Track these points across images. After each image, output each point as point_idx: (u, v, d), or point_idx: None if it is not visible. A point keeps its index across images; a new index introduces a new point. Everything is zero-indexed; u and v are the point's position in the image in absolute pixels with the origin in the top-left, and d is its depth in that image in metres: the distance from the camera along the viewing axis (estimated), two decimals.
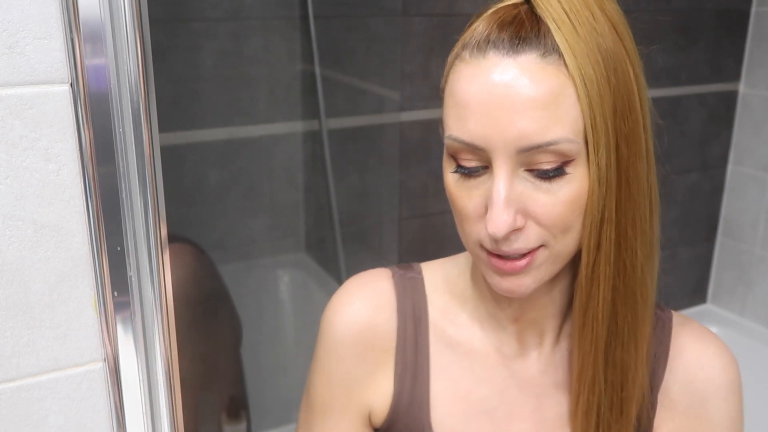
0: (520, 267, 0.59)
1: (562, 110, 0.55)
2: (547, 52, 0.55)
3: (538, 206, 0.57)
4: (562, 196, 0.57)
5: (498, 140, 0.55)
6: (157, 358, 0.55)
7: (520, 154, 0.55)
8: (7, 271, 0.50)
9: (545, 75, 0.54)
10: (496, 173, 0.56)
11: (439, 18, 1.55)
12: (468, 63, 0.57)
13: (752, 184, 1.98)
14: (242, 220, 1.90)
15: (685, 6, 1.84)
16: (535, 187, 0.57)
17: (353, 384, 0.72)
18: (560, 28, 0.55)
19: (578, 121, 0.55)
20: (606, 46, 0.56)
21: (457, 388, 0.70)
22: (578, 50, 0.55)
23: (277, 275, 2.02)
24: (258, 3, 1.78)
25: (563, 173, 0.56)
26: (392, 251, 1.72)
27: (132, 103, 0.49)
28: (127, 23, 0.48)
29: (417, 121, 1.61)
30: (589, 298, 0.62)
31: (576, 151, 0.56)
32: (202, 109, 1.77)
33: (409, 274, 0.75)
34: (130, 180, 0.51)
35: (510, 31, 0.56)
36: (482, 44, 0.57)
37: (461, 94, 0.57)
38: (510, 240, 0.58)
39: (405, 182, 1.64)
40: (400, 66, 1.56)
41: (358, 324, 0.71)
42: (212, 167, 1.82)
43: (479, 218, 0.59)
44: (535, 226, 0.58)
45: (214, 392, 1.04)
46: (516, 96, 0.54)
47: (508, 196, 0.56)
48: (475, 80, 0.56)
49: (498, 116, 0.55)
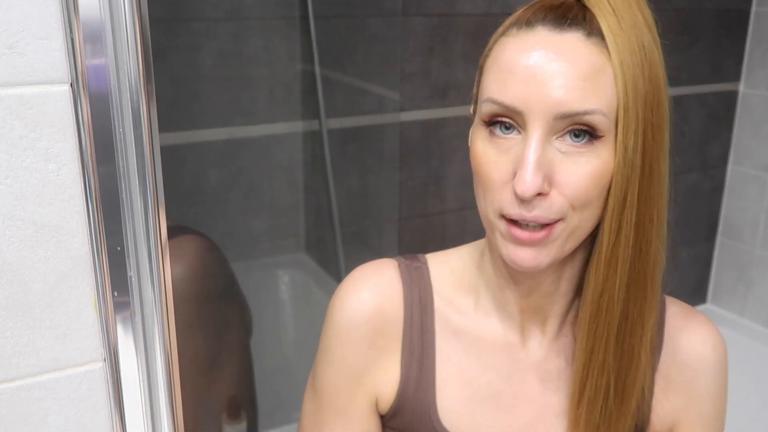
0: (539, 238, 0.61)
1: (600, 86, 0.59)
2: (591, 33, 0.59)
3: (564, 175, 0.60)
4: (589, 169, 0.60)
5: (538, 103, 0.58)
6: (157, 358, 0.55)
7: (556, 120, 0.59)
8: (7, 271, 0.50)
9: (588, 52, 0.59)
10: (530, 135, 0.59)
11: (439, 18, 1.55)
12: (516, 36, 0.61)
13: (752, 184, 1.98)
14: (242, 220, 1.90)
15: (685, 6, 1.84)
16: (564, 156, 0.60)
17: (361, 371, 0.73)
18: (606, 17, 0.60)
19: (612, 100, 0.59)
20: (644, 42, 0.60)
21: (462, 374, 0.72)
22: (620, 38, 0.59)
23: (277, 275, 2.02)
24: (258, 3, 1.78)
25: (592, 145, 0.59)
26: (392, 251, 1.72)
27: (132, 103, 0.49)
28: (127, 23, 0.48)
29: (417, 121, 1.61)
30: (606, 279, 0.64)
31: (607, 128, 0.59)
32: (202, 109, 1.77)
33: (414, 264, 0.76)
34: (130, 180, 0.51)
35: (558, 12, 0.61)
36: (531, 20, 0.61)
37: (507, 60, 0.61)
38: (533, 205, 0.60)
39: (405, 182, 1.64)
40: (400, 66, 1.56)
41: (365, 311, 0.72)
42: (212, 167, 1.82)
43: (505, 184, 0.61)
44: (558, 195, 0.60)
45: (224, 383, 1.05)
46: (560, 66, 0.58)
47: (539, 158, 0.58)
48: (523, 50, 0.60)
49: (541, 82, 0.58)
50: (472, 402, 0.72)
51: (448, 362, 0.73)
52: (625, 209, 0.62)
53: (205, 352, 0.94)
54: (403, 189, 1.65)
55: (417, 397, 0.72)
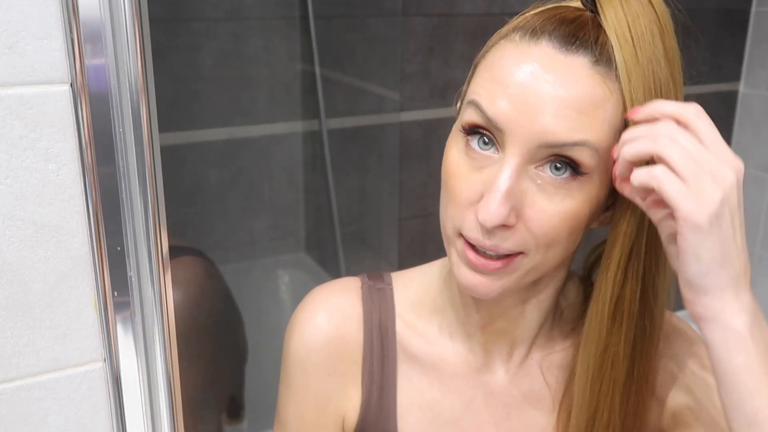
0: (493, 268, 0.57)
1: (596, 120, 0.53)
2: (599, 60, 0.54)
3: (534, 210, 0.55)
4: (562, 208, 0.55)
5: (522, 127, 0.53)
6: (157, 358, 0.55)
7: (539, 149, 0.53)
8: (7, 271, 0.50)
9: (592, 82, 0.53)
10: (506, 161, 0.54)
11: (439, 18, 1.55)
12: (517, 45, 0.55)
13: (752, 184, 1.98)
14: (242, 220, 1.90)
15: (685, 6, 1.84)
16: (538, 189, 0.55)
17: (325, 400, 0.71)
18: (622, 47, 0.54)
19: (606, 137, 0.54)
20: (661, 80, 0.55)
21: (423, 399, 0.70)
22: (634, 73, 0.54)
23: (277, 275, 2.02)
24: (258, 3, 1.78)
25: (573, 181, 0.54)
26: (392, 251, 1.72)
27: (132, 103, 0.49)
28: (127, 23, 0.48)
29: (417, 121, 1.61)
30: (610, 335, 0.60)
31: (593, 166, 0.54)
32: (202, 109, 1.77)
33: (378, 285, 0.73)
34: (130, 180, 0.51)
35: (569, 28, 0.55)
36: (537, 31, 0.55)
37: (501, 71, 0.55)
38: (494, 234, 0.55)
39: (405, 182, 1.64)
40: (400, 66, 1.56)
41: (322, 337, 0.69)
42: (212, 167, 1.82)
43: (470, 205, 0.56)
44: (523, 229, 0.55)
45: (216, 408, 1.04)
46: (556, 91, 0.53)
47: (510, 188, 0.54)
48: (520, 63, 0.54)
49: (531, 104, 0.53)
50: (433, 427, 0.69)
51: (408, 387, 0.70)
52: (631, 260, 0.57)
53: (202, 379, 0.93)
54: (403, 189, 1.65)
55: (378, 424, 0.70)
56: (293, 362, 0.71)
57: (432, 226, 1.69)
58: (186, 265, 0.92)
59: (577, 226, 0.56)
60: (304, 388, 0.71)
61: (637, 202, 0.54)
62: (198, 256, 0.96)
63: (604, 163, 0.55)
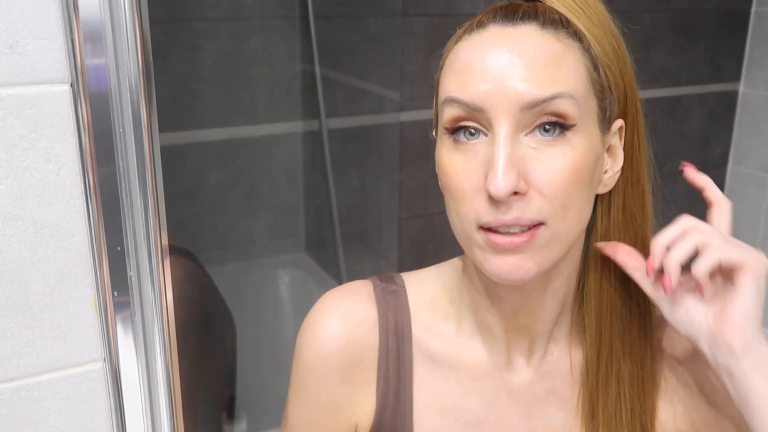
0: (520, 242, 0.57)
1: (563, 71, 0.56)
2: (545, 24, 0.58)
3: (540, 172, 0.56)
4: (564, 162, 0.57)
5: (500, 98, 0.56)
6: (157, 358, 0.55)
7: (522, 112, 0.56)
8: (7, 271, 0.50)
9: (545, 41, 0.57)
10: (498, 133, 0.56)
11: (439, 18, 1.55)
12: (469, 38, 0.59)
13: (752, 184, 1.98)
14: (242, 220, 1.90)
15: (685, 6, 1.84)
16: (536, 152, 0.57)
17: (336, 407, 0.69)
18: (566, 7, 0.59)
19: (579, 85, 0.57)
20: (611, 27, 0.60)
21: (441, 403, 0.69)
22: (583, 18, 0.59)
23: (277, 275, 2.02)
24: (258, 3, 1.78)
25: (564, 137, 0.57)
26: (392, 251, 1.72)
27: (132, 103, 0.49)
28: (127, 23, 0.48)
29: (417, 121, 1.61)
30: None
31: (577, 114, 0.57)
32: (202, 109, 1.77)
33: (390, 287, 0.72)
34: (130, 180, 0.51)
35: (509, 9, 0.59)
36: (482, 21, 0.59)
37: (463, 60, 0.58)
38: (510, 205, 0.56)
39: (405, 182, 1.64)
40: (400, 66, 1.56)
41: (336, 343, 0.68)
42: (212, 167, 1.82)
43: (477, 191, 0.57)
44: (536, 195, 0.56)
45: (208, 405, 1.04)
46: (517, 57, 0.56)
47: (510, 155, 0.55)
48: (477, 47, 0.58)
49: (500, 75, 0.56)
50: (453, 430, 0.68)
51: (426, 391, 0.69)
52: (612, 195, 0.64)
53: (192, 375, 0.93)
54: (403, 189, 1.65)
55: (394, 428, 0.69)
56: (305, 369, 0.69)
57: (432, 226, 1.69)
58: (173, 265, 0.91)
59: (584, 180, 0.58)
60: (315, 394, 0.69)
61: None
62: (182, 257, 0.94)
63: (585, 112, 0.58)
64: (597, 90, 0.59)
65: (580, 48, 0.58)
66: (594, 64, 0.58)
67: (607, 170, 0.63)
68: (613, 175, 0.63)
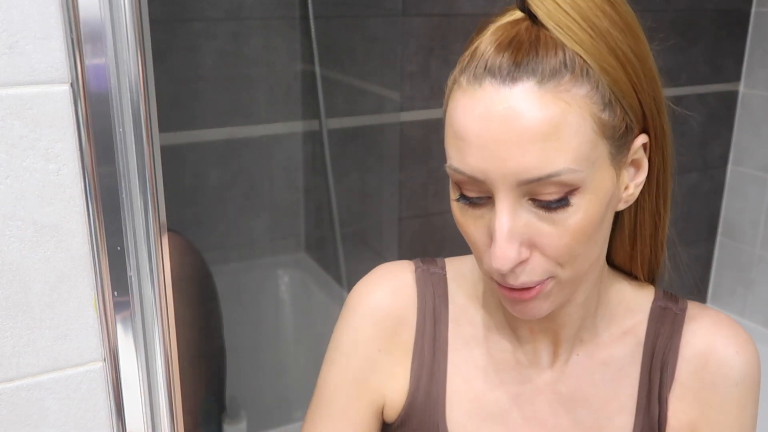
0: (529, 296, 0.59)
1: (562, 140, 0.53)
2: (543, 78, 0.53)
3: (543, 237, 0.56)
4: (569, 226, 0.56)
5: (497, 174, 0.54)
6: (157, 358, 0.55)
7: (521, 186, 0.54)
8: (7, 271, 0.50)
9: (543, 104, 0.53)
10: (498, 206, 0.55)
11: (439, 18, 1.55)
12: (465, 92, 0.56)
13: (752, 184, 1.98)
14: (242, 220, 1.90)
15: (685, 6, 1.84)
16: (539, 217, 0.56)
17: (370, 372, 0.71)
18: (571, 37, 0.54)
19: (580, 150, 0.54)
20: (622, 49, 0.56)
21: (471, 388, 0.70)
22: (595, 46, 0.54)
23: (277, 275, 2.02)
24: (258, 3, 1.78)
25: (567, 204, 0.55)
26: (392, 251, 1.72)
27: (132, 103, 0.49)
28: (127, 23, 0.48)
29: (417, 121, 1.61)
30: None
31: (580, 179, 0.54)
32: (202, 109, 1.77)
33: (432, 269, 0.74)
34: (130, 180, 0.51)
35: (506, 56, 0.54)
36: (479, 72, 0.55)
37: (459, 125, 0.56)
38: (516, 273, 0.57)
39: (405, 182, 1.64)
40: (400, 66, 1.56)
41: (380, 312, 0.71)
42: (212, 167, 1.82)
43: (486, 248, 0.59)
44: (540, 257, 0.57)
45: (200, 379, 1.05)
46: (514, 129, 0.53)
47: (511, 228, 0.55)
48: (472, 112, 0.55)
49: (496, 150, 0.53)
50: (478, 419, 0.69)
51: (457, 376, 0.70)
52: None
53: (184, 349, 0.94)
54: (403, 189, 1.65)
55: (426, 409, 0.70)
56: (346, 329, 0.72)
57: (432, 226, 1.69)
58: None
59: (593, 230, 0.57)
60: (352, 356, 0.71)
61: None
62: (177, 234, 0.97)
63: (591, 167, 0.55)
64: (608, 132, 0.56)
65: (587, 93, 0.54)
66: (605, 104, 0.55)
67: (628, 186, 0.61)
68: (634, 189, 0.62)
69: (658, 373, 0.68)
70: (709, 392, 0.67)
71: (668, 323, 0.70)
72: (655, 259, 0.71)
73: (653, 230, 0.67)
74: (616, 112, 0.56)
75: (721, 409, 0.67)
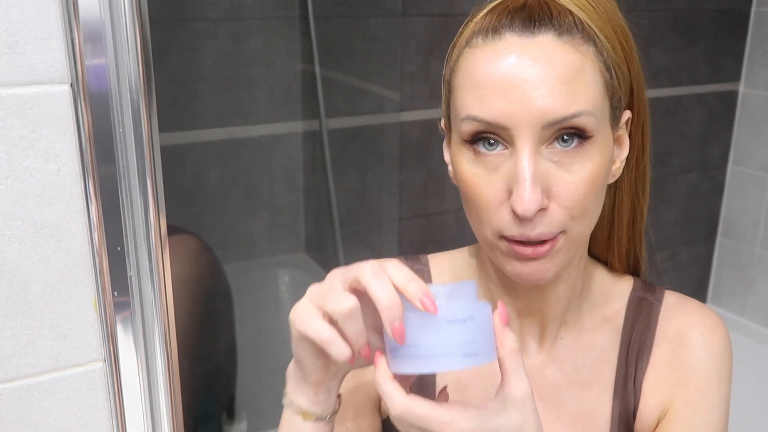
0: (543, 252, 0.59)
1: (582, 85, 0.57)
2: (562, 32, 0.57)
3: (561, 185, 0.58)
4: (584, 175, 0.58)
5: (523, 116, 0.56)
6: (157, 358, 0.55)
7: (544, 129, 0.57)
8: (7, 271, 0.50)
9: (563, 52, 0.57)
10: (521, 150, 0.57)
11: (439, 18, 1.55)
12: (483, 47, 0.58)
13: (752, 184, 1.98)
14: (242, 220, 1.90)
15: (685, 6, 1.84)
16: (557, 166, 0.58)
17: (363, 373, 0.70)
18: (579, 7, 0.59)
19: (597, 98, 0.58)
20: (618, 20, 0.61)
21: (458, 380, 0.71)
22: (595, 16, 0.59)
23: (277, 275, 2.02)
24: (258, 3, 1.78)
25: (582, 147, 0.58)
26: (392, 251, 1.72)
27: (132, 103, 0.49)
28: (127, 23, 0.48)
29: (417, 121, 1.61)
30: None
31: (595, 127, 0.58)
32: (202, 109, 1.77)
33: (416, 266, 0.75)
34: (130, 180, 0.51)
35: (522, 15, 0.58)
36: (497, 27, 0.58)
37: (481, 74, 0.58)
38: (534, 222, 0.58)
39: (405, 182, 1.64)
40: (400, 66, 1.56)
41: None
42: (212, 167, 1.82)
43: (500, 204, 0.59)
44: (557, 208, 0.58)
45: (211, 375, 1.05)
46: (538, 73, 0.56)
47: (534, 173, 0.56)
48: (495, 60, 0.57)
49: (522, 93, 0.56)
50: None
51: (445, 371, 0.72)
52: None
53: (197, 345, 0.94)
54: (403, 189, 1.65)
55: None
56: None
57: (432, 226, 1.69)
58: (183, 241, 0.93)
59: (600, 186, 0.60)
60: None
61: None
62: (193, 235, 0.97)
63: (602, 120, 0.59)
64: (609, 92, 0.60)
65: (595, 52, 0.58)
66: (607, 66, 0.59)
67: (615, 161, 0.64)
68: (620, 164, 0.65)
69: (635, 360, 0.71)
70: (677, 373, 0.70)
71: (645, 312, 0.72)
72: (634, 250, 0.73)
73: (631, 216, 0.69)
74: (614, 78, 0.60)
75: (686, 387, 0.69)
